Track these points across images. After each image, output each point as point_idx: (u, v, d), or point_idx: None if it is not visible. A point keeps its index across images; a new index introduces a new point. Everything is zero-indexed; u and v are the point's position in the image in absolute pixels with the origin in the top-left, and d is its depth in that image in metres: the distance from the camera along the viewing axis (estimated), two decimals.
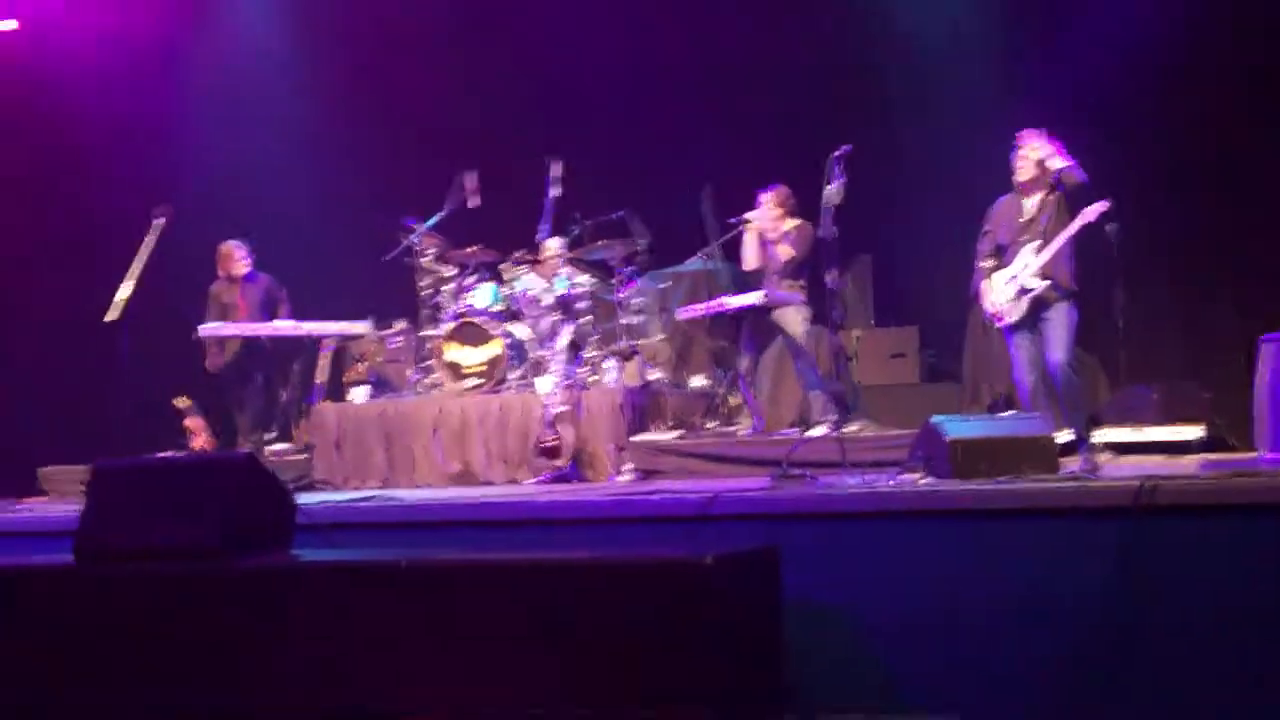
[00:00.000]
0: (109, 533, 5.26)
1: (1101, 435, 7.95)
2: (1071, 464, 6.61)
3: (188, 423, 9.80)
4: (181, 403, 9.82)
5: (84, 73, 11.15)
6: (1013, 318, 7.56)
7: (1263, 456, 6.98)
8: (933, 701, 5.17)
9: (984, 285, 7.69)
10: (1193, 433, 8.09)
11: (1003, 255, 7.68)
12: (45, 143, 11.25)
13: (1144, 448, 8.13)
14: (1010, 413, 8.01)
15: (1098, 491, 5.27)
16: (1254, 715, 4.70)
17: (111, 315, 8.97)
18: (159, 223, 9.24)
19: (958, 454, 5.96)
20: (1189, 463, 7.21)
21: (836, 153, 7.48)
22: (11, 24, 11.13)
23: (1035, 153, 7.56)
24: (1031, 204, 7.61)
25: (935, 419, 6.38)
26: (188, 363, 10.01)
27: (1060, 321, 7.46)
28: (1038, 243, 7.50)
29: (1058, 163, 7.47)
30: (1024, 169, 7.58)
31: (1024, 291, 7.48)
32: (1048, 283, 7.44)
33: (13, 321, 10.85)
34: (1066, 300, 7.50)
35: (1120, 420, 8.73)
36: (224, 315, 9.95)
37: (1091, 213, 7.36)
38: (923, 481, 6.06)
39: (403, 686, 4.73)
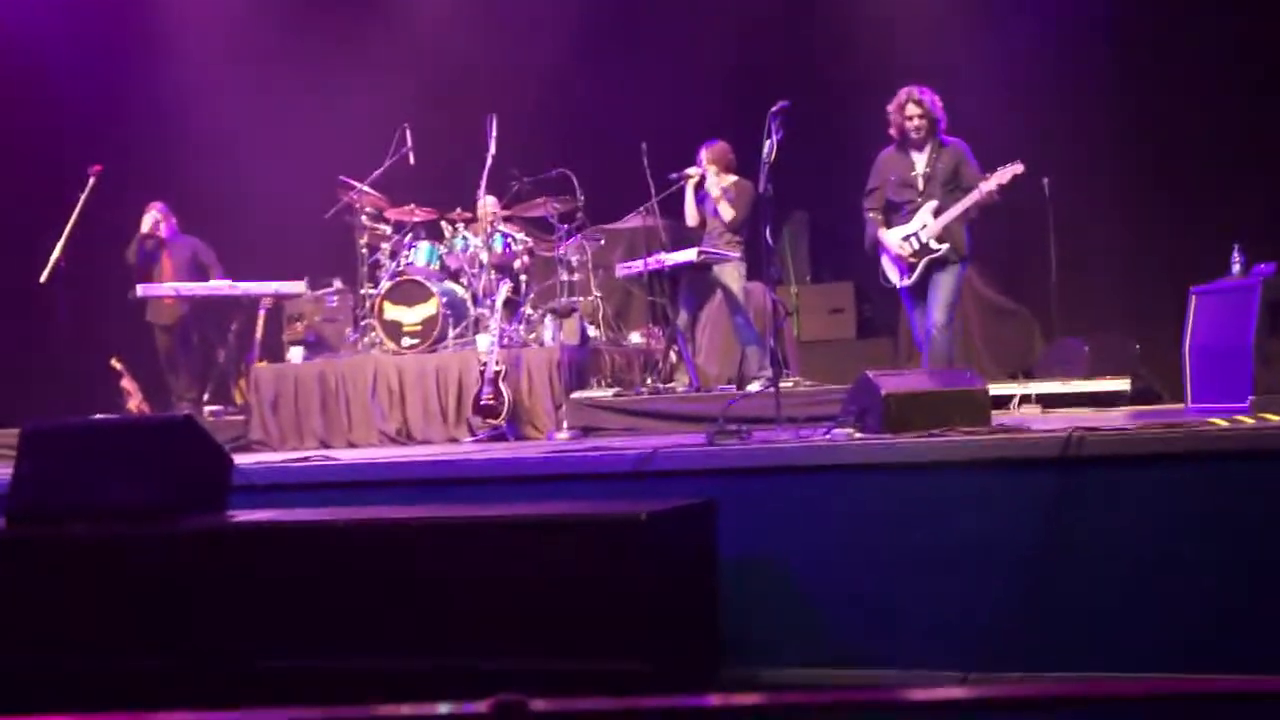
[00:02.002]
0: (40, 495, 5.22)
1: (1032, 388, 8.05)
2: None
3: (123, 384, 9.74)
4: (116, 364, 9.75)
5: (15, 33, 10.98)
6: (911, 279, 7.53)
7: (1189, 408, 7.10)
8: (868, 653, 5.24)
9: (882, 237, 7.58)
10: (1122, 385, 8.22)
11: (896, 212, 7.60)
12: None
13: (1074, 400, 8.25)
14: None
15: (1027, 443, 5.34)
16: (1172, 651, 4.81)
17: (45, 276, 8.90)
18: (92, 180, 9.16)
19: (891, 408, 6.01)
20: (1117, 414, 7.32)
21: (774, 108, 7.42)
22: None
23: (929, 110, 7.48)
24: (922, 160, 7.54)
25: (870, 372, 6.44)
26: (123, 324, 9.94)
27: (948, 285, 7.42)
28: (935, 203, 7.45)
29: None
30: (920, 127, 7.47)
31: (924, 251, 7.43)
32: (947, 246, 7.41)
33: None
34: (958, 264, 7.47)
35: (1051, 373, 8.86)
36: (149, 277, 9.90)
37: (1004, 175, 7.29)
38: (856, 435, 6.11)
39: (338, 644, 4.75)
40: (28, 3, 11.13)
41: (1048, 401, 8.29)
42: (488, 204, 9.56)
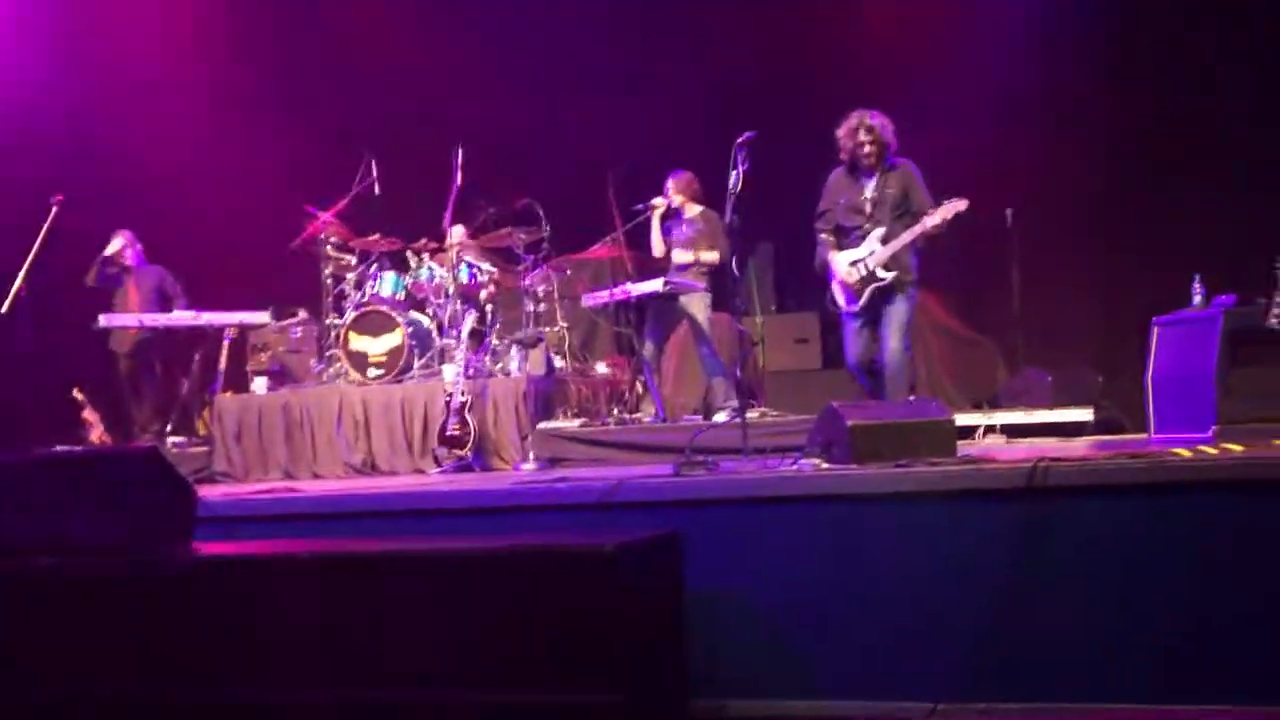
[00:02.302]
0: (1, 528, 5.16)
1: (997, 418, 8.09)
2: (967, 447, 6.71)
3: (84, 415, 9.67)
4: (78, 394, 9.68)
5: None
6: (857, 305, 7.50)
7: (1152, 438, 7.14)
8: (837, 684, 5.23)
9: (831, 260, 7.56)
10: (1085, 415, 8.27)
11: (845, 236, 7.57)
12: None
13: (1038, 430, 8.29)
14: (912, 397, 8.11)
15: (992, 474, 5.35)
16: (1138, 681, 4.83)
17: (6, 306, 8.84)
18: (54, 210, 9.12)
19: (856, 438, 6.02)
20: (1081, 444, 7.36)
21: (740, 139, 7.39)
22: None
23: (880, 135, 7.49)
24: (871, 185, 7.51)
25: (835, 404, 6.45)
26: (86, 354, 9.87)
27: (900, 311, 7.39)
28: (883, 230, 7.43)
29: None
30: (872, 153, 7.45)
31: (870, 279, 7.43)
32: (894, 274, 7.41)
33: None
34: (908, 290, 7.46)
35: (1015, 403, 8.91)
36: (111, 302, 9.86)
37: (948, 210, 7.29)
38: (823, 466, 6.11)
39: (305, 676, 4.71)
40: None
41: (1012, 431, 8.33)
42: (456, 233, 9.55)
